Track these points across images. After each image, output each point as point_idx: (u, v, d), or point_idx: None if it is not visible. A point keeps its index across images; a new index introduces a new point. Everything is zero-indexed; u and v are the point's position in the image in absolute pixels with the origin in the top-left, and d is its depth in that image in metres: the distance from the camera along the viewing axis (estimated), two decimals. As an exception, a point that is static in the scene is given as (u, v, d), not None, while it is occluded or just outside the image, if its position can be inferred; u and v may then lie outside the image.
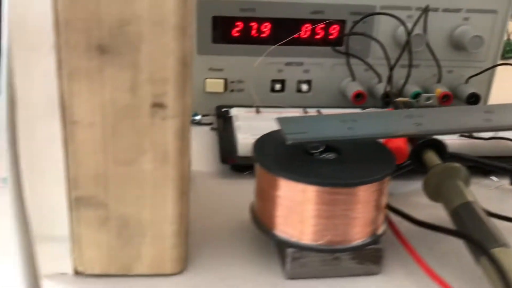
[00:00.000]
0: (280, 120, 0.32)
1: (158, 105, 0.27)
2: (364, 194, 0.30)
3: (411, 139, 0.41)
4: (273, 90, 0.56)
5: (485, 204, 0.33)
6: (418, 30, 0.53)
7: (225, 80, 0.56)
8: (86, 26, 0.25)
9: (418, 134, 0.30)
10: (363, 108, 0.53)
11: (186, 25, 0.26)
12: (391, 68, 0.52)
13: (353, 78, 0.56)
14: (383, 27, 0.55)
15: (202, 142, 0.50)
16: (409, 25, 0.53)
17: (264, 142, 0.33)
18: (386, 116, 0.33)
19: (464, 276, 0.32)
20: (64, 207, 0.29)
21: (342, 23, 0.54)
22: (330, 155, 0.31)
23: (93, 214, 0.29)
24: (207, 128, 0.53)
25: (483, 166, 0.43)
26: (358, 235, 0.31)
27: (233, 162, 0.44)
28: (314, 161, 0.31)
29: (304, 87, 0.56)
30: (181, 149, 0.28)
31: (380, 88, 0.55)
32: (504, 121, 0.32)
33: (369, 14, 0.53)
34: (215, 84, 0.55)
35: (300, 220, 0.30)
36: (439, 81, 0.56)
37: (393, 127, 0.31)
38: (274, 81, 0.56)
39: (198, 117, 0.54)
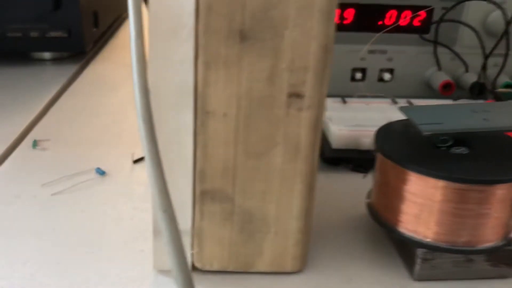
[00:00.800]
0: (406, 110, 0.30)
1: (295, 95, 0.25)
2: (503, 192, 0.28)
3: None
4: (353, 79, 0.54)
5: None
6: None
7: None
8: (228, 11, 0.23)
9: None
10: (453, 99, 0.50)
11: (332, 9, 0.24)
12: (486, 57, 0.50)
13: (439, 67, 0.53)
14: (472, 14, 0.52)
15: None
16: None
17: (385, 134, 0.31)
18: (518, 108, 0.31)
19: None
20: (189, 200, 0.27)
21: (429, 9, 0.51)
22: (462, 149, 0.29)
23: (218, 208, 0.27)
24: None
25: None
26: (493, 236, 0.29)
27: (328, 156, 0.42)
28: (446, 155, 0.29)
29: (387, 76, 0.54)
30: (314, 142, 0.27)
31: (468, 78, 0.52)
32: None
33: (462, 0, 0.50)
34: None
35: (432, 218, 0.28)
36: (528, 71, 0.53)
37: (534, 120, 0.29)
38: (355, 70, 0.54)
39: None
